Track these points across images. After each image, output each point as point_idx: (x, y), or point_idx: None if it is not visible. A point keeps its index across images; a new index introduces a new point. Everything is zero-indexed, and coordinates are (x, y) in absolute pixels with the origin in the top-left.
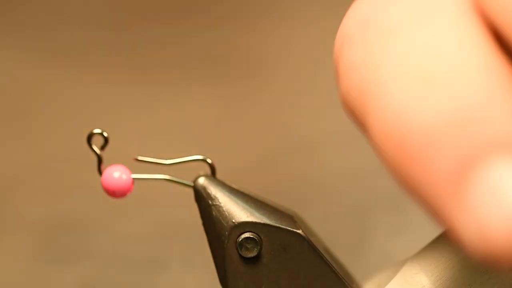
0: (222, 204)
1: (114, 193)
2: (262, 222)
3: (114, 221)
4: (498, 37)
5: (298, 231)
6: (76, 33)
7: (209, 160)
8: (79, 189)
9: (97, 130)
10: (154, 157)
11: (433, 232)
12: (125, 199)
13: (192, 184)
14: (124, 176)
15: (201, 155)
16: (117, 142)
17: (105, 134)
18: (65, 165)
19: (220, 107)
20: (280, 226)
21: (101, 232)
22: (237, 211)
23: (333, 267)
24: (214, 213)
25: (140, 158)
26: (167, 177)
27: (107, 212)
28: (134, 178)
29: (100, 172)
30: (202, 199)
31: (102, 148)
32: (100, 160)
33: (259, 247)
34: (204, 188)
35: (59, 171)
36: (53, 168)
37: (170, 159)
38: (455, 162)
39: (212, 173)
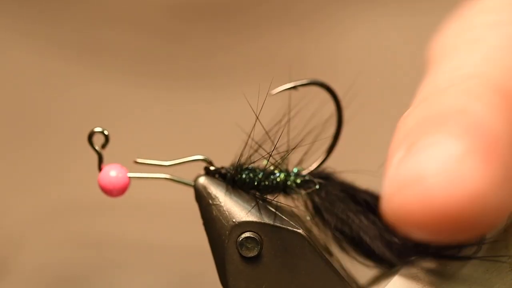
0: (222, 204)
1: (111, 192)
2: (262, 221)
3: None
4: None
5: (298, 230)
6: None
7: (209, 160)
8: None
9: (98, 129)
10: (154, 158)
11: None
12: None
13: (192, 183)
14: (120, 175)
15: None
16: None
17: (105, 132)
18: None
19: None
20: (281, 225)
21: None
22: (238, 211)
23: (334, 266)
24: (214, 212)
25: (139, 160)
26: (167, 176)
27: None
28: (131, 177)
29: (100, 170)
30: (202, 198)
31: (103, 146)
32: (100, 158)
33: (259, 246)
34: (205, 188)
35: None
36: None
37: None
38: None
39: (213, 174)
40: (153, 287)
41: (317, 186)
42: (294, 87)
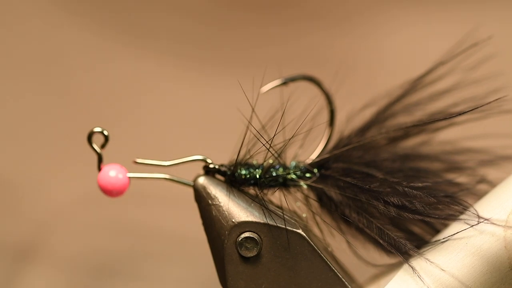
0: (222, 204)
1: (111, 192)
2: (262, 221)
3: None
4: None
5: (298, 230)
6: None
7: (209, 160)
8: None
9: (97, 129)
10: (153, 158)
11: None
12: None
13: (192, 183)
14: (120, 176)
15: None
16: None
17: (105, 132)
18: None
19: None
20: (280, 225)
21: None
22: (237, 211)
23: (333, 266)
24: (214, 212)
25: (138, 160)
26: (166, 176)
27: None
28: (131, 177)
29: (100, 170)
30: (202, 198)
31: (103, 146)
32: (100, 158)
33: (259, 246)
34: (204, 188)
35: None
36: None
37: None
38: None
39: (212, 173)
40: (184, 278)
41: (318, 175)
42: (284, 83)
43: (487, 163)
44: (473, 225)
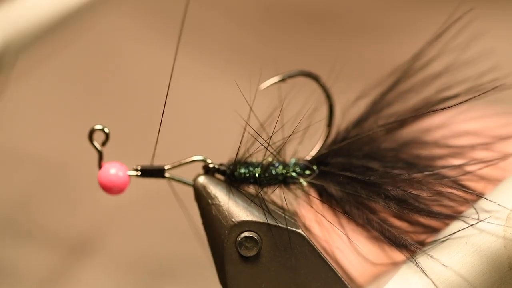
0: (221, 203)
1: (111, 190)
2: (262, 221)
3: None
4: None
5: (298, 230)
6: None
7: (209, 160)
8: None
9: (98, 126)
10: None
11: None
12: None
13: (192, 183)
14: (120, 173)
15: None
16: None
17: (106, 130)
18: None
19: None
20: (280, 225)
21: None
22: (237, 210)
23: (333, 266)
24: (213, 212)
25: (138, 167)
26: (167, 175)
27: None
28: (131, 176)
29: (101, 167)
30: (201, 198)
31: (103, 144)
32: (101, 156)
33: (258, 246)
34: (204, 187)
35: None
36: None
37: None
38: None
39: (212, 173)
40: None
41: (317, 171)
42: (282, 80)
43: (484, 145)
44: (472, 224)
